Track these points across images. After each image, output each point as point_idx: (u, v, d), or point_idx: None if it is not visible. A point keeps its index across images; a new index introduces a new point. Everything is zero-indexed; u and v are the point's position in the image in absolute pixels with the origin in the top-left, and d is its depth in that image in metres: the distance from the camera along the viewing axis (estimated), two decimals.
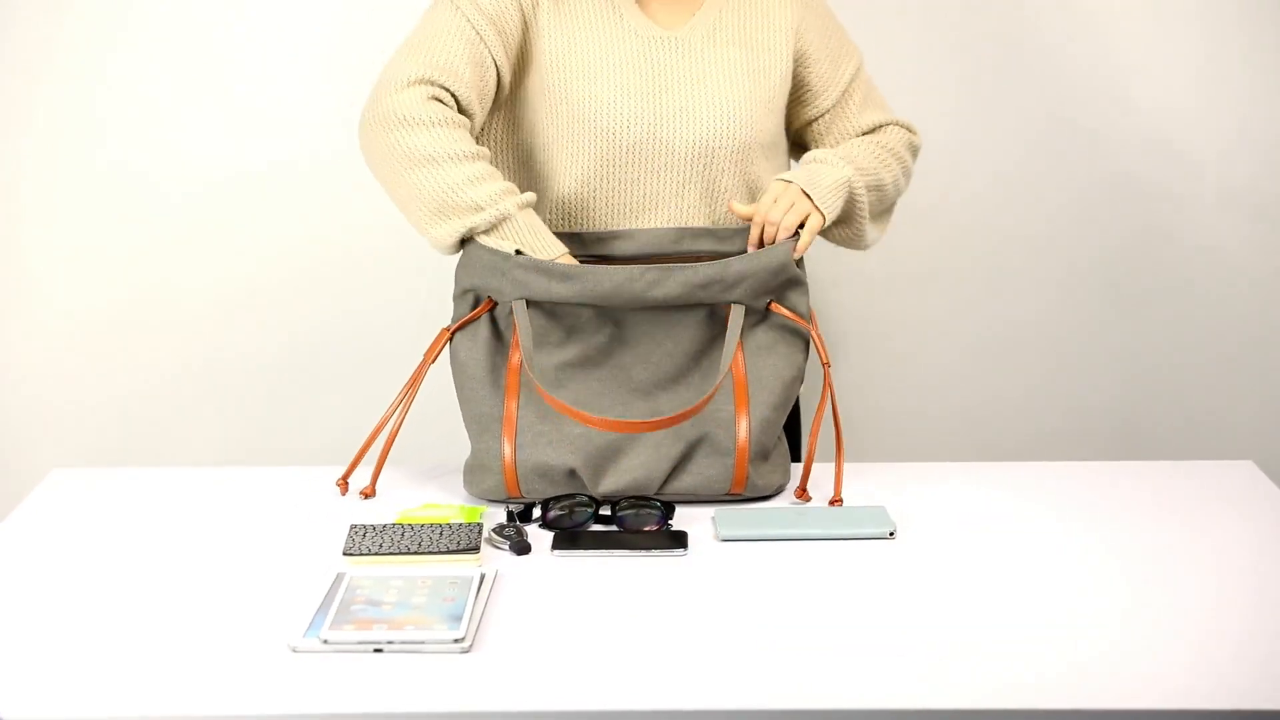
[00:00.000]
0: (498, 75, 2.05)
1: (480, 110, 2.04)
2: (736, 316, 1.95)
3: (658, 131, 2.05)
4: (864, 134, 2.20)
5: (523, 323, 1.93)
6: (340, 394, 3.09)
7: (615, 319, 1.96)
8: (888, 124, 2.22)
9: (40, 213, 3.00)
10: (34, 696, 1.47)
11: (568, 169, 2.07)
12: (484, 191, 1.95)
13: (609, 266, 1.94)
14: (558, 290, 1.93)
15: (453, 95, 2.00)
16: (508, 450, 1.93)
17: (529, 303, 1.95)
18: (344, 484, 1.99)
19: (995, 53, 2.97)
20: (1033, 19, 2.95)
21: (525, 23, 2.07)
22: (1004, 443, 3.12)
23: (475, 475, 1.96)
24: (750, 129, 2.07)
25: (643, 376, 1.95)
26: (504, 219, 1.95)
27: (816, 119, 2.20)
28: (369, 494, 1.98)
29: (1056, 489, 1.97)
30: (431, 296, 2.78)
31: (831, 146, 2.19)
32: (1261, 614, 1.61)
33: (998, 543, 1.80)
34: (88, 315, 3.04)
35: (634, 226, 2.06)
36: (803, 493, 1.94)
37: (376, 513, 1.92)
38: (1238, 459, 2.12)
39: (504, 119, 2.13)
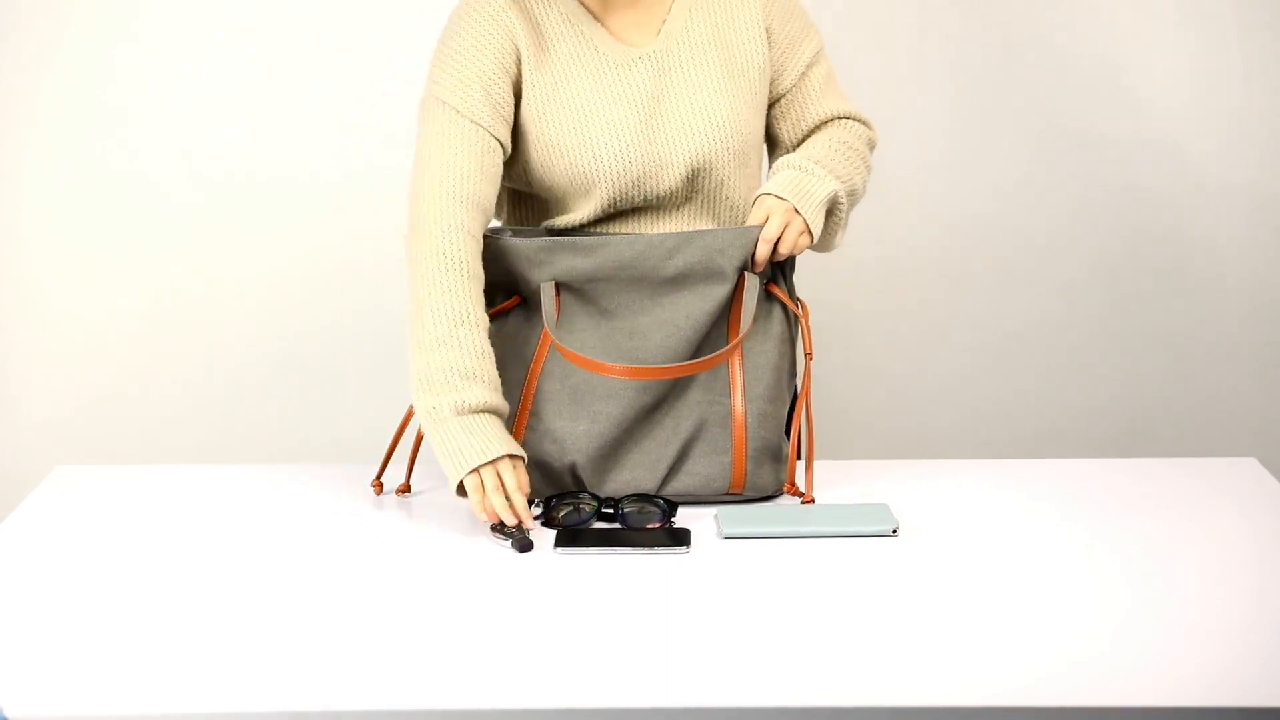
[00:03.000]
0: (503, 145, 2.00)
1: (495, 195, 2.00)
2: (752, 283, 1.95)
3: (655, 159, 2.01)
4: (822, 122, 2.11)
5: (548, 300, 1.95)
6: (346, 392, 3.09)
7: (630, 311, 1.96)
8: (846, 116, 2.12)
9: (44, 211, 3.01)
10: (38, 694, 1.47)
11: (571, 206, 2.05)
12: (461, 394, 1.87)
13: (630, 235, 1.96)
14: (581, 265, 1.95)
15: (476, 220, 1.95)
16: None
17: (558, 290, 1.96)
18: (378, 484, 1.98)
19: (998, 57, 2.97)
20: (1033, 24, 2.95)
21: (516, 81, 2.01)
22: (1006, 440, 3.12)
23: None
24: (742, 134, 2.04)
25: (656, 355, 1.95)
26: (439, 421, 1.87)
27: (775, 101, 2.11)
28: (405, 489, 1.98)
29: (1059, 487, 1.97)
30: None
31: (788, 132, 2.12)
32: (1264, 611, 1.61)
33: (1000, 540, 1.80)
34: (93, 312, 3.05)
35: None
36: (791, 487, 1.94)
37: (388, 509, 1.93)
38: (1240, 456, 2.11)
39: (511, 177, 2.09)
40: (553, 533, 1.83)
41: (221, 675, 1.50)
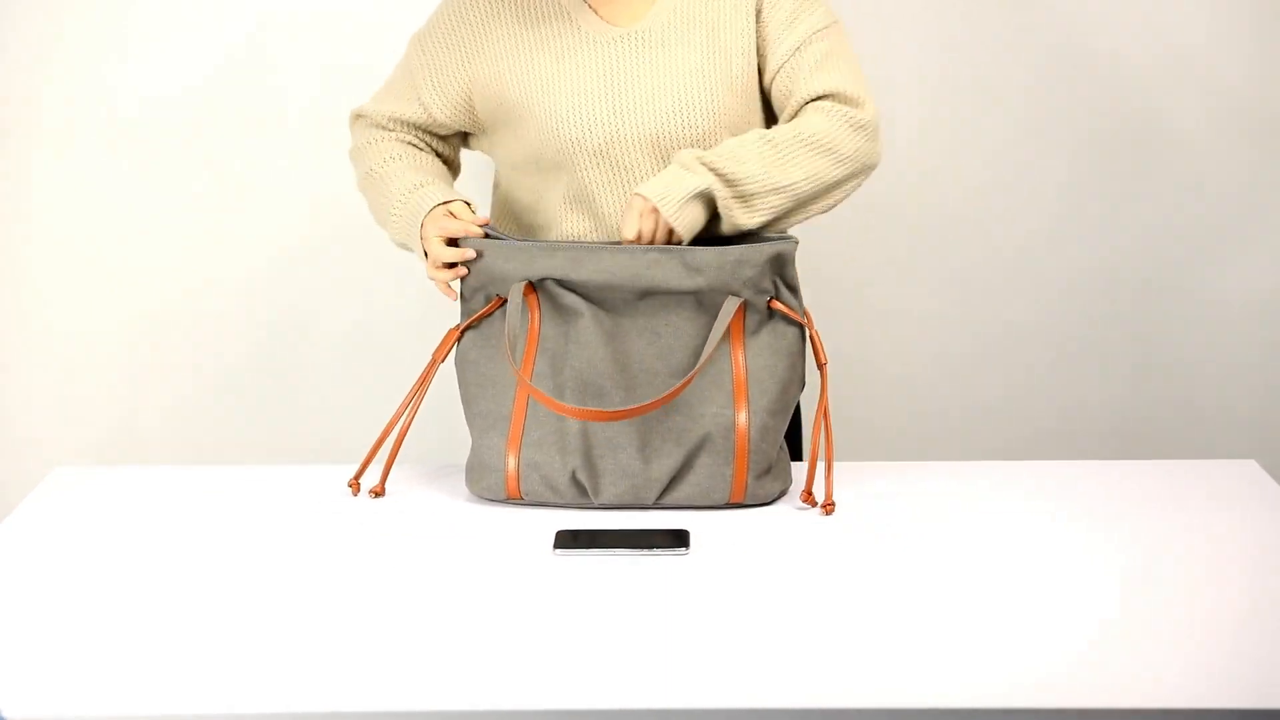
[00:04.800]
0: (433, 119, 2.16)
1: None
2: (729, 306, 1.92)
3: (618, 130, 2.04)
4: (808, 102, 2.05)
5: (514, 301, 1.93)
6: (345, 393, 3.09)
7: (615, 314, 1.95)
8: (832, 95, 2.04)
9: (42, 212, 3.00)
10: (36, 695, 1.47)
11: (550, 186, 2.08)
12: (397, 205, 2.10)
13: (612, 245, 1.95)
14: (561, 266, 1.93)
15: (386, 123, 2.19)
16: (511, 450, 1.93)
17: (538, 296, 1.95)
18: (355, 484, 1.99)
19: (993, 48, 2.96)
20: (1031, 16, 2.95)
21: (474, 74, 2.11)
22: (1005, 441, 3.12)
23: (476, 473, 1.95)
24: (710, 115, 2.05)
25: (639, 370, 1.95)
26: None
27: (771, 81, 2.09)
28: (379, 493, 1.98)
29: (1058, 488, 1.97)
30: (438, 297, 2.78)
31: (779, 114, 2.09)
32: (1264, 614, 1.61)
33: (999, 542, 1.80)
34: (92, 313, 3.05)
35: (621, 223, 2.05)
36: (808, 496, 1.92)
37: (384, 512, 1.93)
38: (1240, 458, 2.11)
39: (496, 155, 2.18)
40: (552, 534, 1.83)
41: (220, 676, 1.50)
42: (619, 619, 1.62)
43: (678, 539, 1.80)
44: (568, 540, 1.80)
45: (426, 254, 2.02)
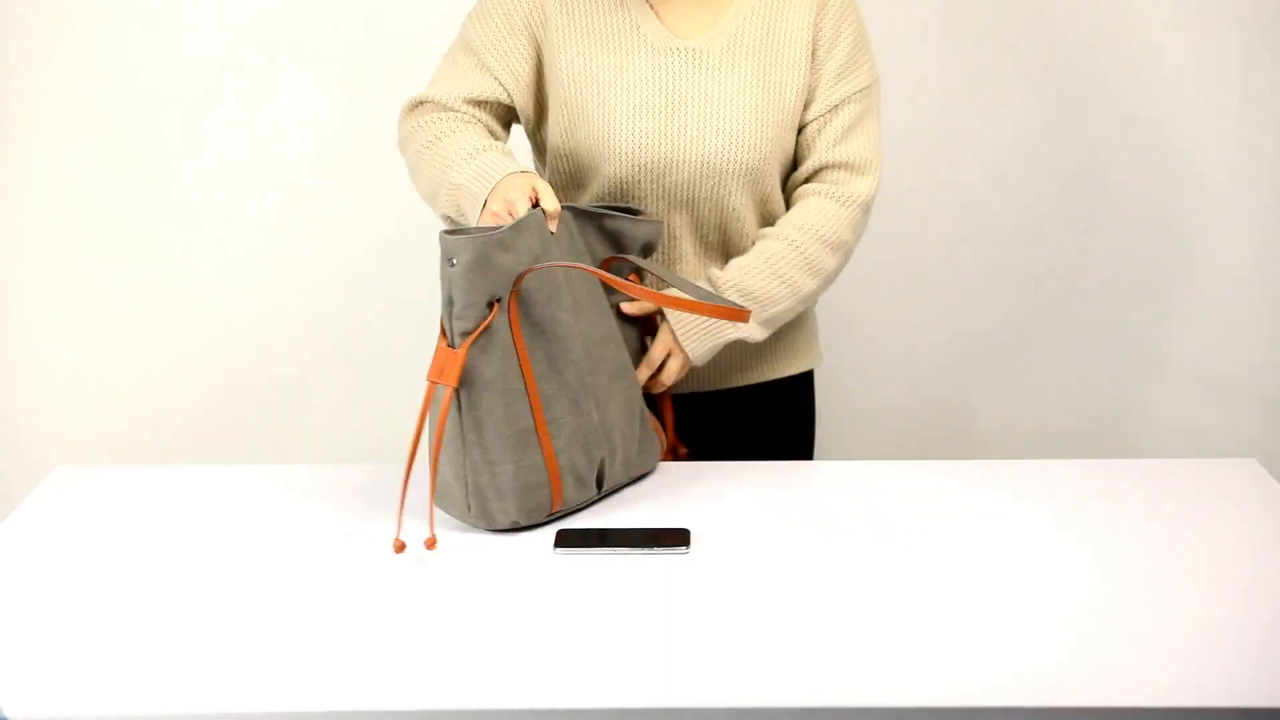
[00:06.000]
0: (511, 96, 2.10)
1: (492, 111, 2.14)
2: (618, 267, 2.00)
3: (667, 151, 2.04)
4: (822, 169, 2.09)
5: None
6: (346, 393, 3.09)
7: (588, 295, 1.94)
8: (845, 165, 2.09)
9: (44, 211, 3.01)
10: (37, 695, 1.47)
11: (586, 184, 2.09)
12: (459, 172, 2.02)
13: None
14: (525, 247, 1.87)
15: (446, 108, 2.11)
16: (549, 462, 1.84)
17: (519, 312, 1.87)
18: (400, 543, 1.79)
19: (996, 51, 2.96)
20: (1029, 16, 2.95)
21: (537, 47, 2.09)
22: (1004, 440, 3.12)
23: (527, 495, 1.82)
24: (759, 151, 2.05)
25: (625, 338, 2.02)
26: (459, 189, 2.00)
27: (805, 125, 2.11)
28: (431, 545, 1.80)
29: (1056, 487, 1.97)
30: (434, 295, 2.78)
31: (798, 153, 2.12)
32: (1263, 612, 1.61)
33: (999, 541, 1.80)
34: (91, 313, 3.05)
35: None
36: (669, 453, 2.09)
37: (385, 511, 1.93)
38: (1240, 457, 2.11)
39: (537, 137, 2.18)
40: (553, 533, 1.83)
41: (220, 676, 1.50)
42: (619, 618, 1.62)
43: (678, 538, 1.80)
44: (568, 539, 1.80)
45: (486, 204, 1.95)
